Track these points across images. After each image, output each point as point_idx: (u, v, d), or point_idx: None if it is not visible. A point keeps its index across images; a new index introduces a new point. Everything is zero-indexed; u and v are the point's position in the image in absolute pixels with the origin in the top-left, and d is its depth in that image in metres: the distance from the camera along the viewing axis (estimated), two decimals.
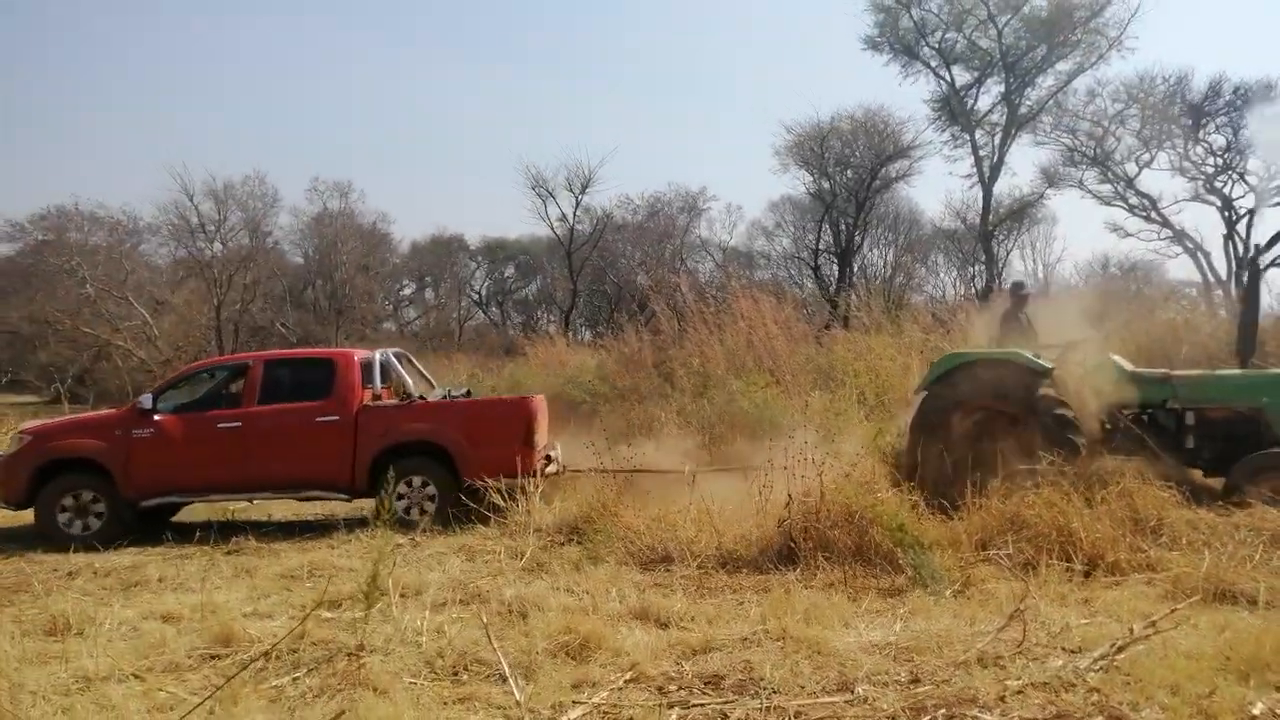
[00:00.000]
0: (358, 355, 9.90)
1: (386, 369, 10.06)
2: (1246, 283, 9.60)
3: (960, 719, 4.14)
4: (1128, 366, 8.86)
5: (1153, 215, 29.82)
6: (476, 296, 46.00)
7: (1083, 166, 30.43)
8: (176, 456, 9.24)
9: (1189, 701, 4.17)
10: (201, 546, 8.24)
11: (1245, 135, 27.24)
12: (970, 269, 36.51)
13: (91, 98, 62.95)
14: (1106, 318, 12.55)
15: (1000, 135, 30.63)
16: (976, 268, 34.90)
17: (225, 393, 9.98)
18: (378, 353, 10.13)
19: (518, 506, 8.69)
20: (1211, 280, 27.62)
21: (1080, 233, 50.66)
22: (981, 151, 30.80)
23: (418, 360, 11.66)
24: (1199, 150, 28.87)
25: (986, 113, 31.02)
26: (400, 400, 9.84)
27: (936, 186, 70.23)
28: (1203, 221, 37.93)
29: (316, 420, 9.35)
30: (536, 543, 7.81)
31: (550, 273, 41.92)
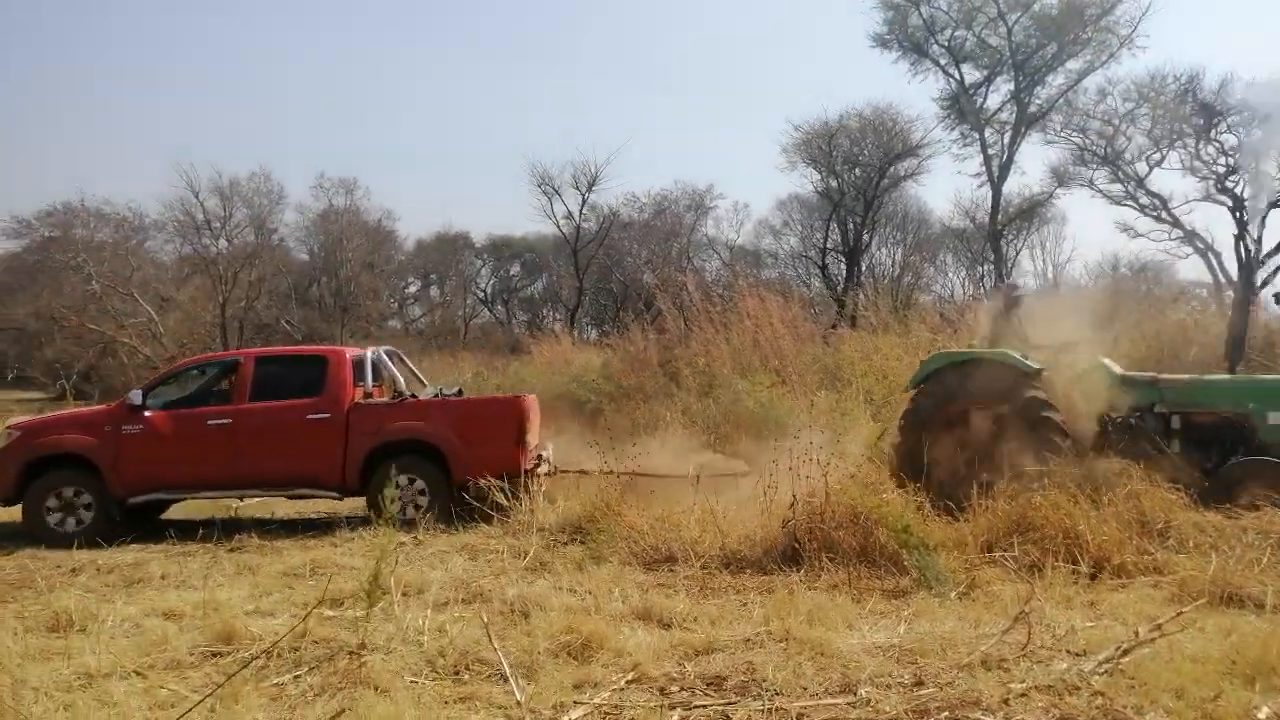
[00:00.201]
0: (349, 353, 9.85)
1: (378, 367, 9.99)
2: (1236, 289, 9.59)
3: None
4: (1117, 369, 8.85)
5: (1163, 215, 29.68)
6: (482, 294, 46.04)
7: (1093, 166, 30.30)
8: (166, 453, 9.17)
9: (1194, 705, 4.13)
10: (204, 544, 8.25)
11: (1257, 135, 27.10)
12: (979, 268, 36.40)
13: (97, 94, 63.20)
14: (1115, 318, 12.49)
15: (1010, 134, 30.52)
16: (985, 267, 34.78)
17: (216, 389, 9.92)
18: (369, 350, 10.08)
19: (521, 506, 8.68)
20: (1223, 281, 27.46)
21: (1090, 233, 50.59)
22: (991, 150, 30.70)
23: (423, 358, 11.68)
24: (1210, 150, 28.73)
25: (996, 111, 30.92)
26: (392, 398, 9.79)
27: (945, 185, 70.17)
28: (1214, 222, 37.71)
29: (307, 418, 9.28)
30: (539, 542, 7.80)
31: (556, 271, 41.93)
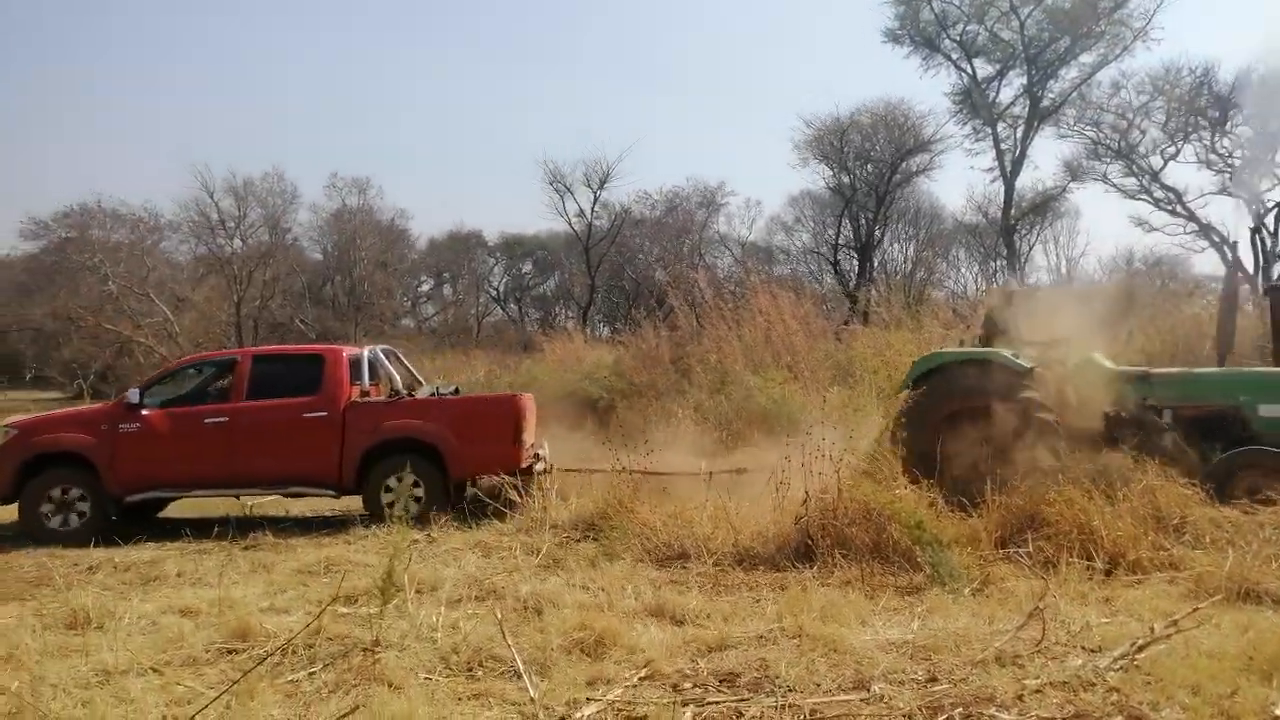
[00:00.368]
0: (346, 351, 9.86)
1: (375, 366, 10.01)
2: (1224, 281, 9.52)
3: (977, 718, 4.09)
4: (1108, 365, 8.83)
5: (1178, 209, 29.48)
6: (494, 293, 46.15)
7: (1107, 160, 30.13)
8: (163, 451, 9.19)
9: (1210, 702, 4.10)
10: (219, 542, 8.30)
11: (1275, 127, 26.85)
12: (992, 264, 36.25)
13: (98, 94, 63.56)
14: (1130, 313, 12.41)
15: (1022, 128, 30.39)
16: (998, 262, 34.64)
17: (213, 388, 9.93)
18: (366, 349, 10.10)
19: (534, 503, 8.70)
20: (1239, 274, 27.25)
21: (1104, 227, 50.25)
22: (1003, 145, 30.61)
23: (436, 356, 11.72)
24: (1226, 143, 28.51)
25: (1008, 105, 30.81)
26: (388, 397, 9.79)
27: (958, 180, 69.78)
28: (1230, 215, 37.47)
29: (304, 416, 9.30)
30: (552, 539, 7.81)
31: (568, 269, 41.99)
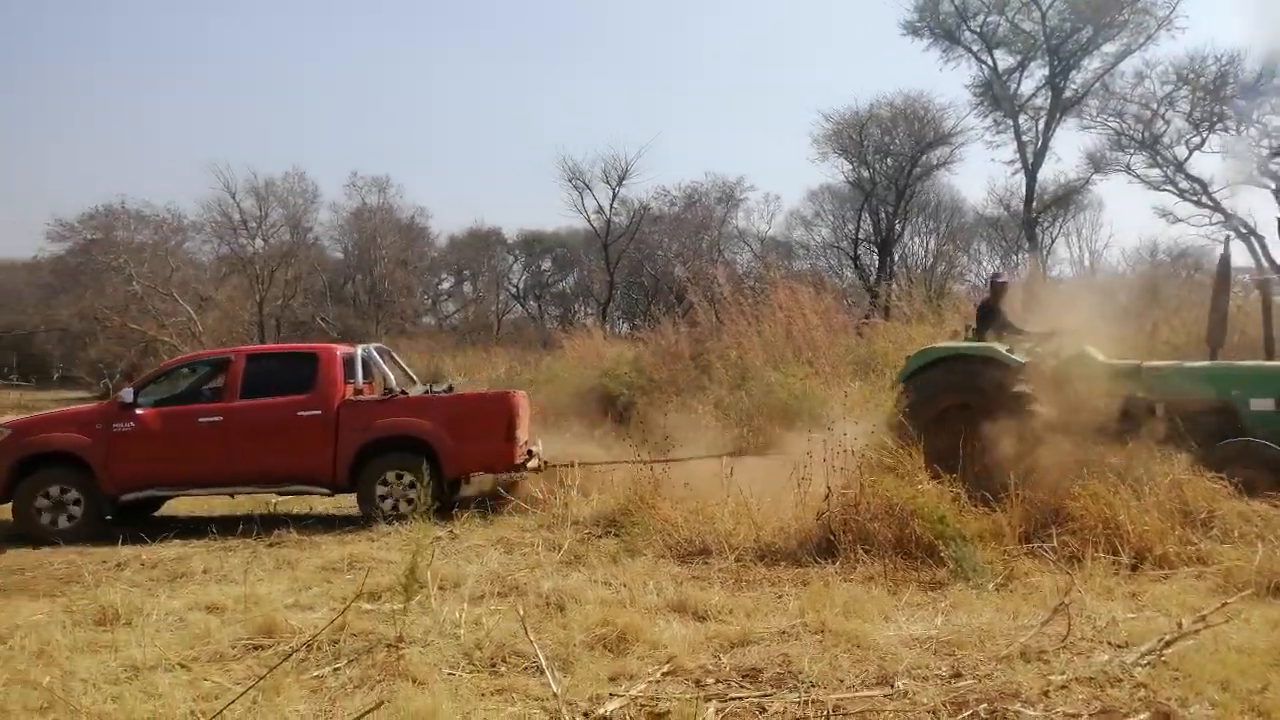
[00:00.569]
0: (340, 350, 9.90)
1: (369, 364, 10.04)
2: (1217, 273, 9.37)
3: (1003, 714, 4.07)
4: (1100, 358, 8.76)
5: (1204, 200, 29.09)
6: (514, 290, 46.23)
7: (1130, 150, 29.75)
8: (157, 451, 9.19)
9: (1240, 698, 4.06)
10: (244, 539, 8.36)
11: None
12: (1014, 257, 35.91)
13: (134, 97, 64.19)
14: (1154, 304, 12.28)
15: (1044, 120, 30.04)
16: (1020, 256, 34.31)
17: (207, 387, 9.95)
18: (359, 348, 10.13)
19: (556, 499, 8.73)
20: (1265, 265, 26.87)
21: (1128, 219, 49.61)
22: (1025, 137, 30.25)
23: (456, 354, 11.76)
24: (1253, 132, 28.09)
25: (1030, 97, 30.44)
26: (382, 395, 9.82)
27: (979, 173, 69.14)
28: (1257, 205, 36.89)
29: (298, 414, 9.32)
30: (574, 535, 7.84)
31: (587, 265, 42.01)
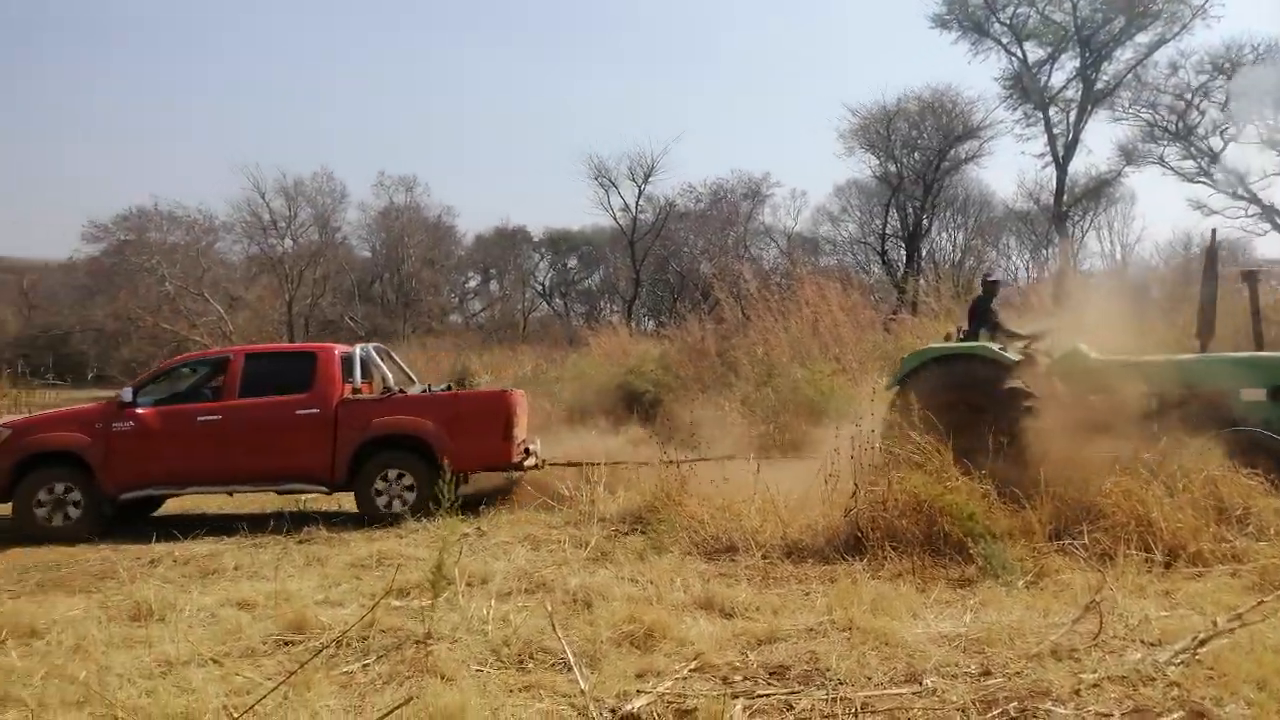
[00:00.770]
0: (338, 349, 9.94)
1: (366, 364, 10.08)
2: (1204, 265, 9.24)
3: (1033, 713, 4.03)
4: (1093, 354, 8.78)
5: (1239, 191, 28.61)
6: (540, 288, 46.43)
7: (1163, 142, 29.38)
8: (157, 450, 9.23)
9: (1276, 697, 4.00)
10: (274, 536, 8.45)
11: None
12: (1044, 251, 35.56)
13: (167, 97, 65.02)
14: (1186, 298, 12.09)
15: (1075, 112, 29.72)
16: (1050, 250, 33.95)
17: (206, 386, 9.94)
18: (358, 347, 10.18)
19: (583, 496, 8.75)
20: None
21: (1161, 211, 48.85)
22: (1055, 129, 29.95)
23: (483, 352, 11.80)
24: None
25: (1061, 89, 30.11)
26: (380, 394, 9.85)
27: (1008, 167, 68.48)
28: None
29: (296, 413, 9.36)
30: (601, 532, 7.84)
31: (613, 263, 42.09)
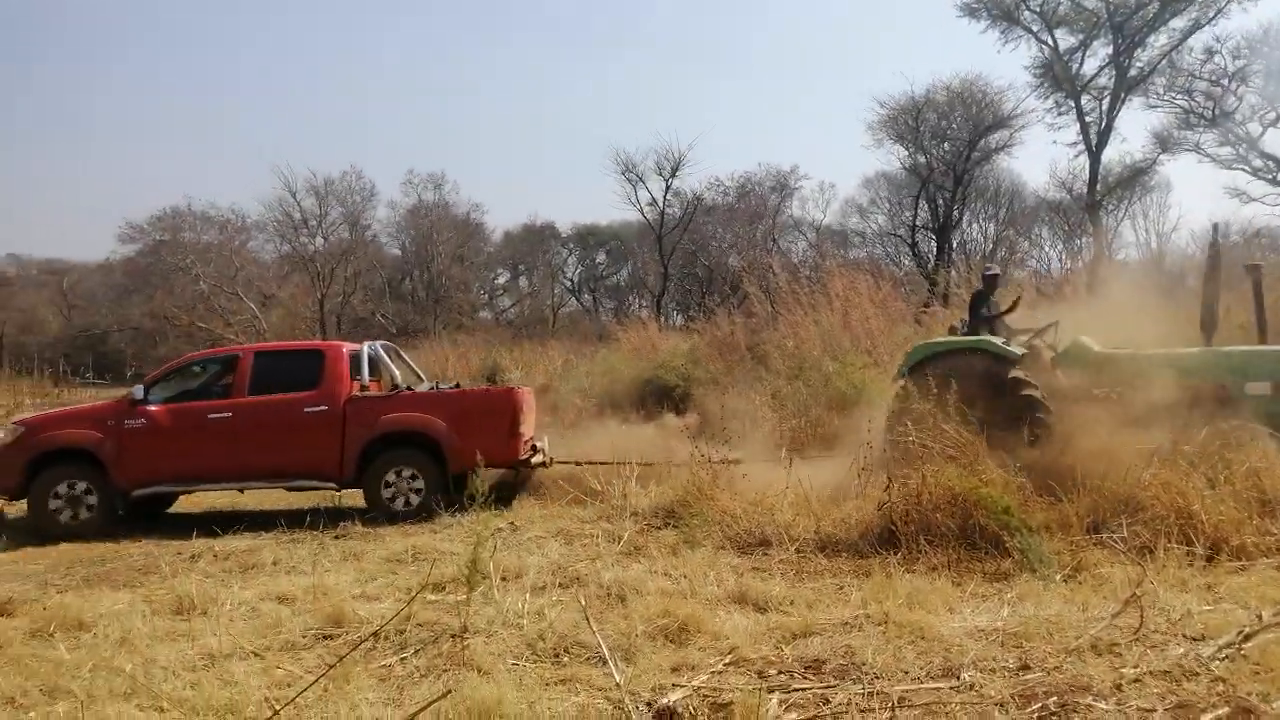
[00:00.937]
0: (346, 347, 10.00)
1: (375, 361, 10.13)
2: (1207, 259, 9.17)
3: (1073, 708, 3.98)
4: (1096, 347, 8.85)
5: (1278, 178, 28.04)
6: (569, 283, 46.56)
7: (1199, 129, 28.86)
8: (168, 447, 9.31)
9: None
10: (311, 531, 8.54)
11: None
12: (1077, 241, 35.09)
13: (200, 99, 65.84)
14: (1226, 287, 11.87)
15: (1108, 100, 29.23)
16: (1084, 240, 33.49)
17: (217, 384, 10.00)
18: (365, 345, 10.22)
19: (615, 491, 8.77)
20: None
21: (1197, 199, 47.95)
22: (1088, 118, 29.47)
23: (513, 348, 11.85)
24: None
25: (1093, 76, 29.62)
26: (388, 391, 9.90)
27: (1040, 156, 67.60)
28: None
29: (305, 411, 9.43)
30: (633, 527, 7.86)
31: (641, 258, 42.10)
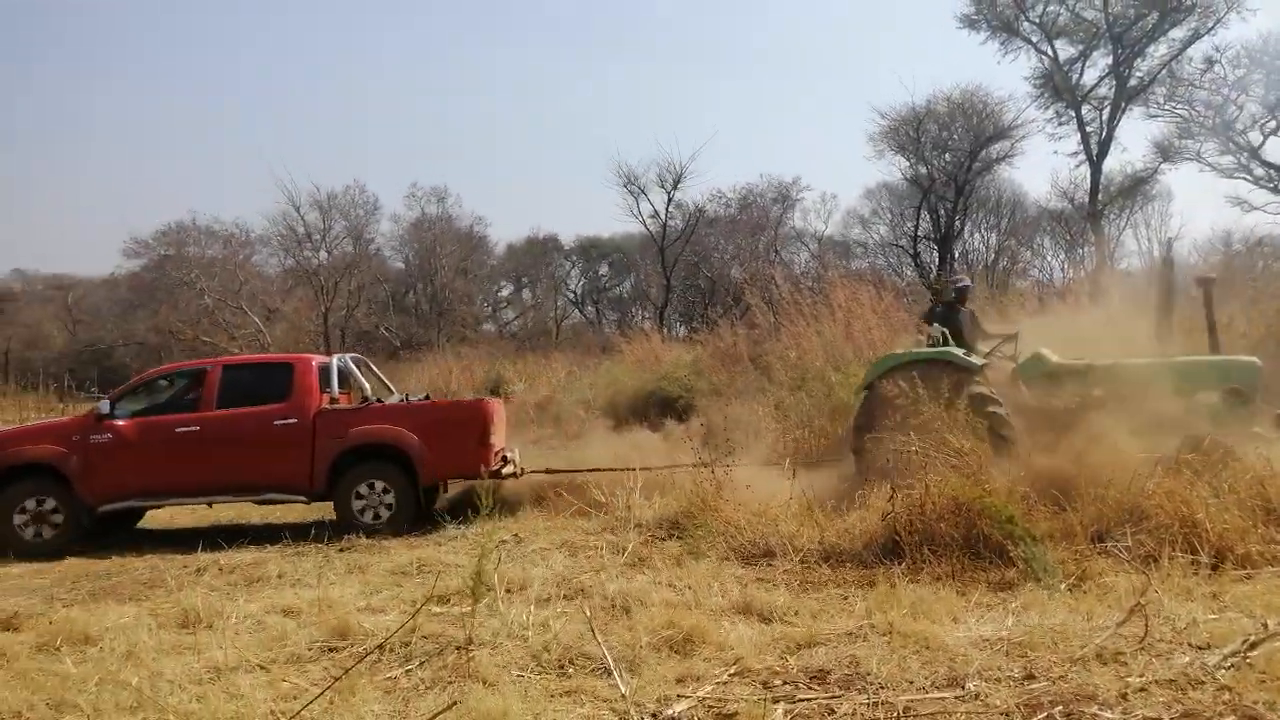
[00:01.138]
0: (315, 360, 9.98)
1: (344, 373, 10.11)
2: (1159, 273, 9.33)
3: (1078, 717, 3.98)
4: (1053, 358, 9.04)
5: None
6: (572, 295, 46.63)
7: (1200, 138, 28.87)
8: (135, 461, 9.24)
9: None
10: (316, 544, 8.57)
11: None
12: (1079, 250, 35.08)
13: (201, 113, 66.18)
14: (1229, 297, 11.89)
15: (1109, 109, 29.28)
16: (1086, 249, 33.49)
17: (185, 398, 9.91)
18: (335, 357, 10.20)
19: (619, 502, 8.78)
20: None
21: (1199, 208, 47.97)
22: (1089, 127, 29.51)
23: (516, 360, 11.87)
24: None
25: (1093, 87, 29.67)
26: (358, 404, 9.89)
27: (1041, 166, 67.69)
28: None
29: (274, 424, 9.39)
30: (637, 538, 7.86)
31: (644, 270, 42.17)
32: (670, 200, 36.53)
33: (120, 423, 9.42)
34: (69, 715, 4.40)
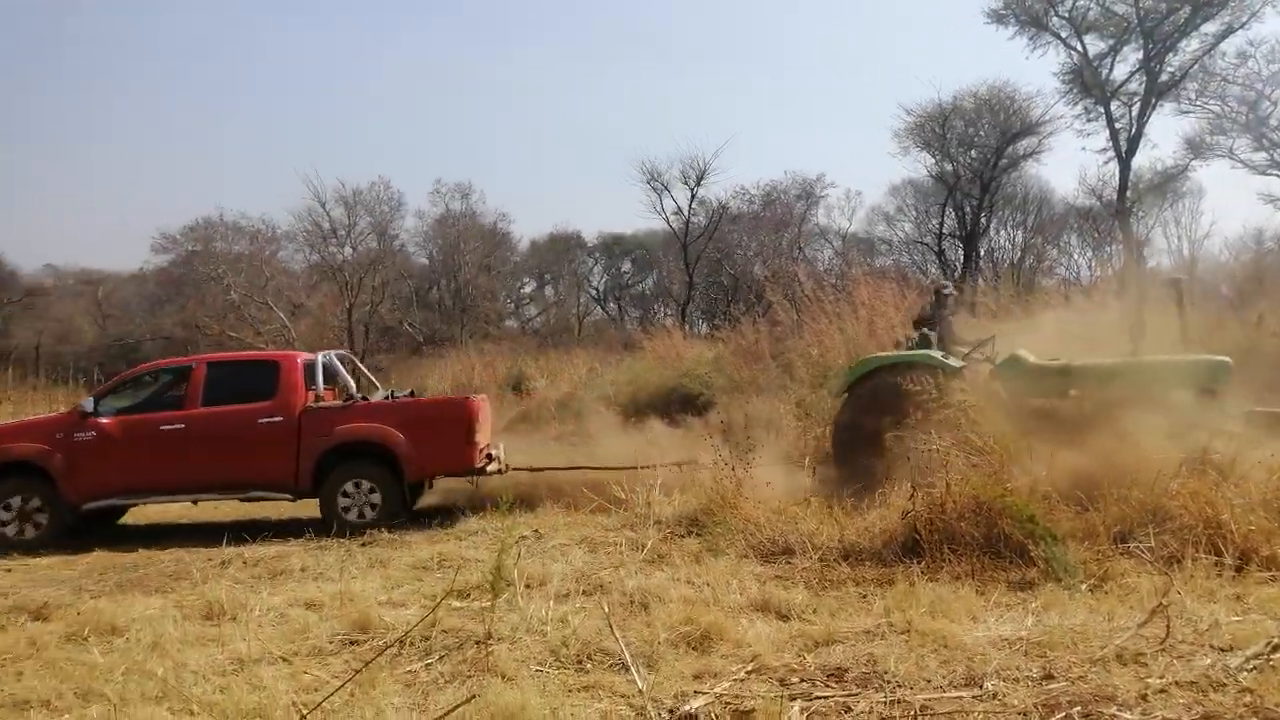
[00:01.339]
0: (300, 357, 10.00)
1: (330, 371, 10.12)
2: (1127, 274, 9.30)
3: (1098, 717, 3.96)
4: (1031, 359, 9.05)
5: None
6: (595, 292, 46.63)
7: (1233, 134, 28.48)
8: (119, 459, 9.25)
9: None
10: (338, 538, 8.66)
11: None
12: (1107, 248, 34.68)
13: (228, 110, 66.88)
14: (1259, 294, 11.75)
15: (1138, 105, 28.90)
16: (1114, 247, 33.12)
17: (169, 395, 9.90)
18: (320, 355, 10.20)
19: (639, 499, 8.81)
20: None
21: (1231, 205, 47.32)
22: (1118, 124, 29.16)
23: (539, 356, 11.92)
24: None
25: (1123, 82, 29.29)
26: (344, 402, 9.87)
27: (1069, 163, 66.88)
28: None
29: (260, 422, 9.40)
30: (657, 535, 7.88)
31: (666, 266, 42.12)
32: (694, 197, 36.50)
33: (104, 420, 9.44)
34: (95, 704, 4.48)
